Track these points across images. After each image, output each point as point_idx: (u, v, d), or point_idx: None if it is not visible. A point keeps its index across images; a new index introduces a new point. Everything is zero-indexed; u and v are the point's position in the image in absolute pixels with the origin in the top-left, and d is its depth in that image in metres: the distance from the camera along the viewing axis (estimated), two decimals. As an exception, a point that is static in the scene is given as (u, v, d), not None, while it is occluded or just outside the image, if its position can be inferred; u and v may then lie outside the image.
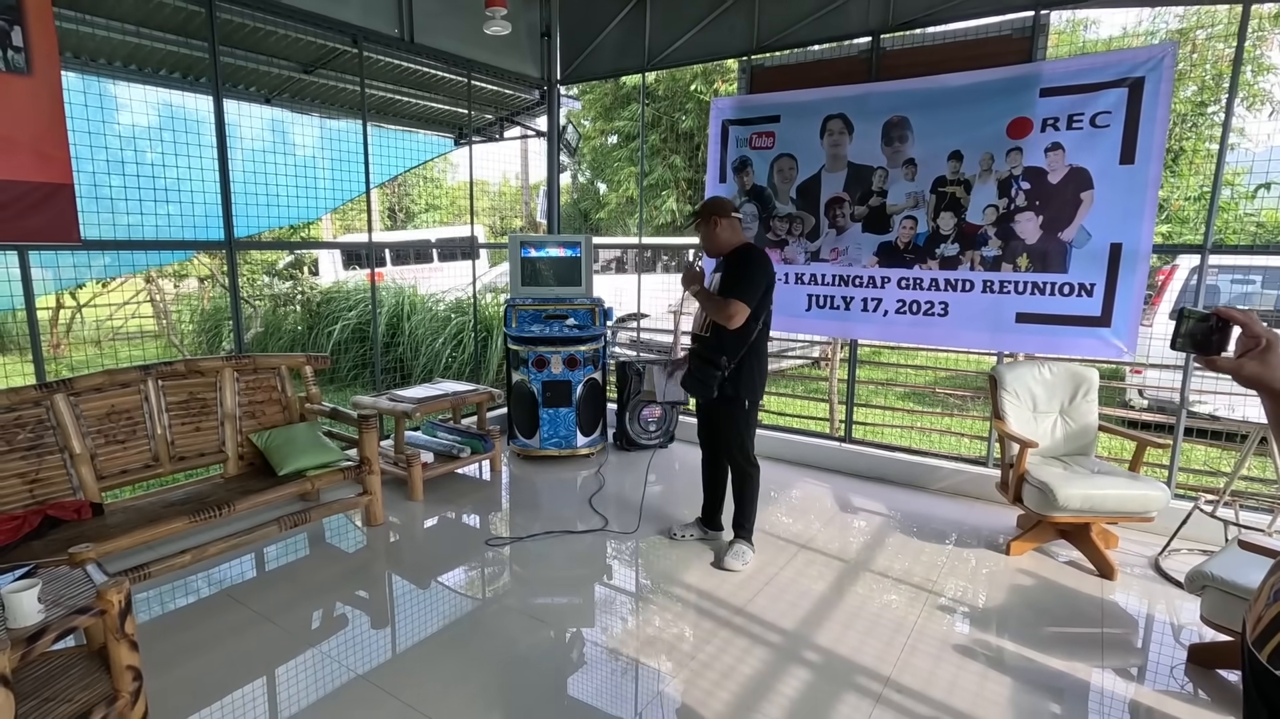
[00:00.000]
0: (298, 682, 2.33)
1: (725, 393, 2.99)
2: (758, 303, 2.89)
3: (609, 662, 2.46)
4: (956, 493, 4.11)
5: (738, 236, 3.04)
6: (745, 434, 3.09)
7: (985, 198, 3.73)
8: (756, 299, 2.87)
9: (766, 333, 3.04)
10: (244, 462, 3.40)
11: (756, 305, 2.88)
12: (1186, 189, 9.52)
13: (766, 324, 3.03)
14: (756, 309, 2.89)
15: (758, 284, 2.87)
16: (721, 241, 3.01)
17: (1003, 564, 3.20)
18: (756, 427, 3.22)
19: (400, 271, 11.59)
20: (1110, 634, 2.65)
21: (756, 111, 4.44)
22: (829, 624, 2.68)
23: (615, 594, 2.99)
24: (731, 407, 3.02)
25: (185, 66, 4.14)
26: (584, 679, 2.37)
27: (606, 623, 2.73)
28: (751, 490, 3.17)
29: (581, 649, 2.55)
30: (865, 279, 4.12)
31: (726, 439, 3.12)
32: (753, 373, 3.01)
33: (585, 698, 2.26)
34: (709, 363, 2.98)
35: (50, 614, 1.86)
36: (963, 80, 3.71)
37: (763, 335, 3.01)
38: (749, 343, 2.95)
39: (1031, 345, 3.75)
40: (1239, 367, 1.00)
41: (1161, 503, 2.96)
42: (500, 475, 4.42)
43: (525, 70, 5.22)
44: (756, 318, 2.92)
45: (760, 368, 3.05)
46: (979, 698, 2.26)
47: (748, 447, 3.11)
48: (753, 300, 2.85)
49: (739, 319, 2.83)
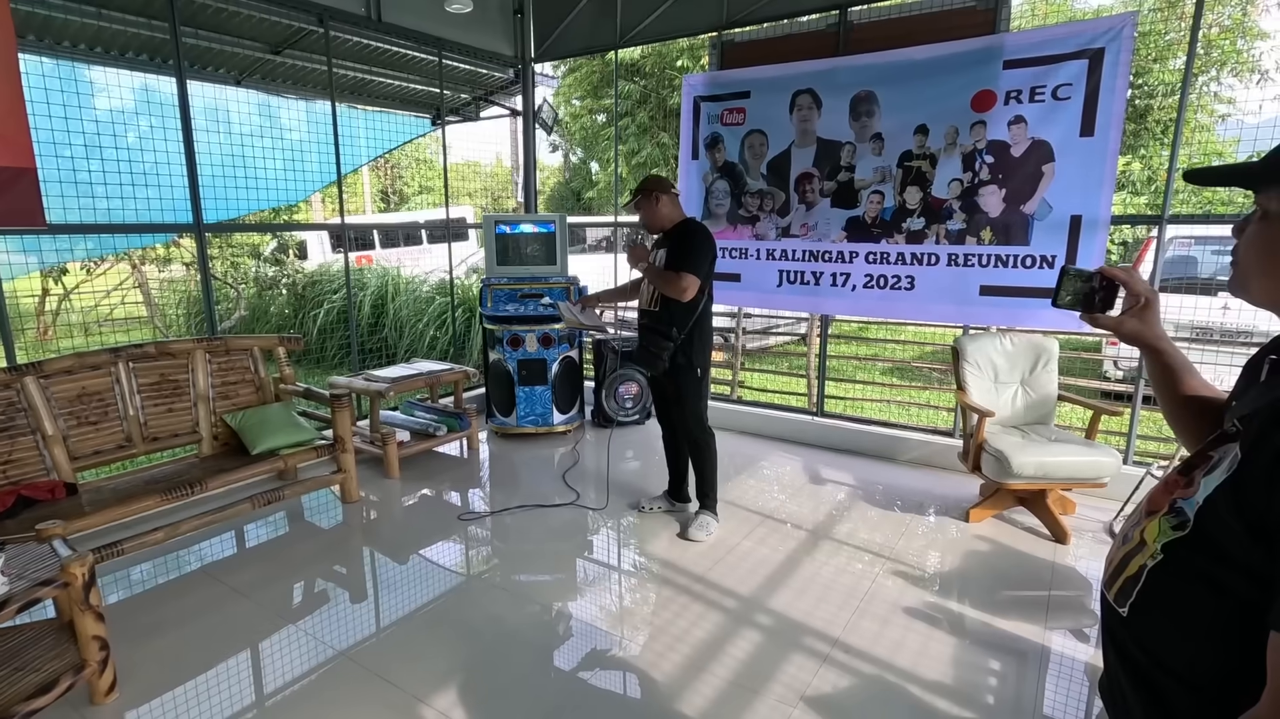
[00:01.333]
0: (272, 654, 2.41)
1: (678, 362, 3.06)
2: (707, 273, 2.97)
3: (573, 631, 2.54)
4: (925, 463, 4.18)
5: (678, 212, 3.13)
6: (700, 402, 3.17)
7: (950, 171, 3.75)
8: (705, 270, 2.95)
9: (710, 303, 3.12)
10: (219, 442, 3.46)
11: (706, 276, 2.97)
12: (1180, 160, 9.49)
13: (710, 295, 3.11)
14: (704, 280, 2.96)
15: (705, 256, 2.96)
16: (663, 217, 3.09)
17: (961, 531, 3.28)
18: (709, 395, 3.34)
19: (390, 254, 11.59)
20: (1057, 596, 2.73)
21: (727, 88, 4.43)
22: (784, 590, 2.76)
23: (583, 566, 3.06)
24: (685, 376, 3.10)
25: (152, 49, 4.13)
26: (549, 647, 2.45)
27: (571, 594, 2.80)
28: (709, 460, 3.23)
29: (548, 620, 2.63)
30: (834, 254, 4.16)
31: (682, 409, 3.18)
32: (703, 341, 3.10)
33: (551, 663, 2.34)
34: (660, 335, 3.05)
35: (14, 586, 1.93)
36: (928, 53, 3.71)
37: (708, 306, 3.10)
38: (696, 314, 3.02)
39: (995, 317, 3.80)
40: (1119, 324, 1.04)
41: (1113, 469, 3.03)
42: (478, 453, 4.49)
43: (498, 48, 5.19)
44: (704, 290, 3.00)
45: (707, 336, 3.14)
46: (921, 656, 2.34)
47: (702, 414, 3.19)
48: (701, 272, 2.92)
49: (691, 291, 2.90)
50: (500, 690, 2.20)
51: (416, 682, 2.21)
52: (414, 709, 2.09)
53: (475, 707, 2.11)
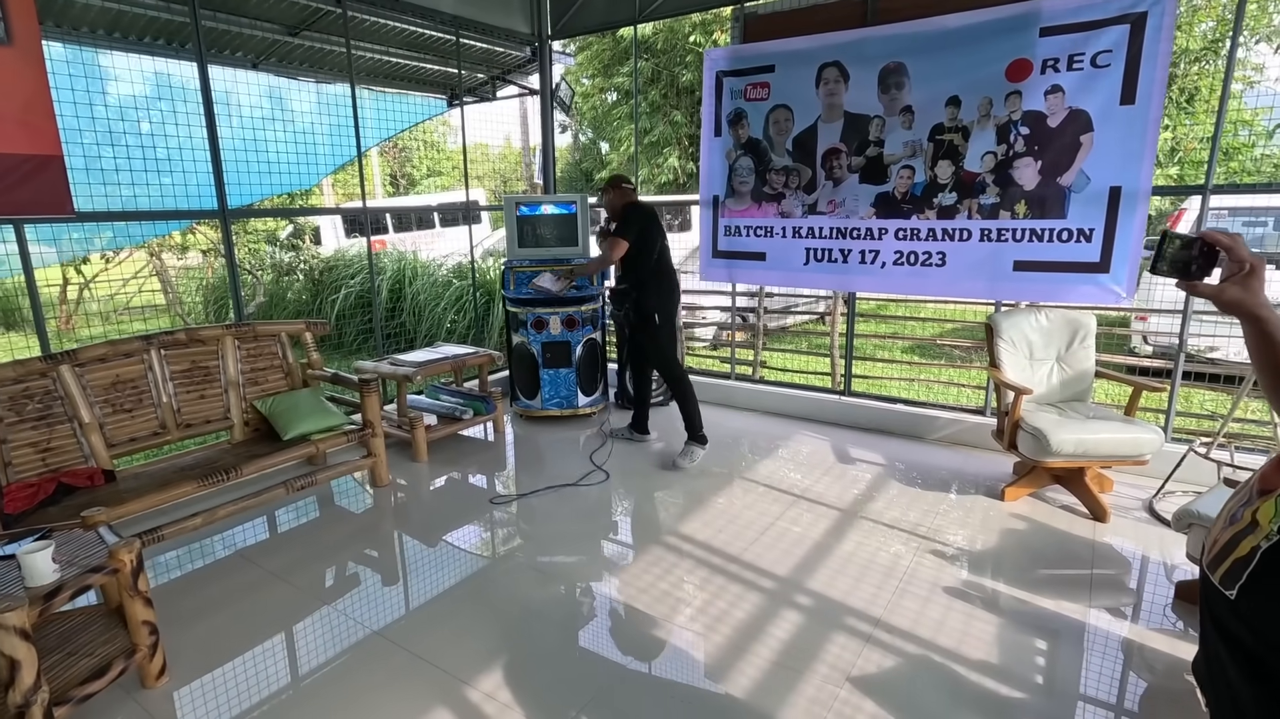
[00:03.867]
0: (311, 636, 2.43)
1: (643, 313, 3.89)
2: (635, 236, 3.78)
3: (612, 612, 2.54)
4: (955, 442, 4.14)
5: (625, 198, 3.99)
6: (664, 347, 3.92)
7: (984, 144, 3.66)
8: (631, 235, 3.78)
9: (663, 261, 3.92)
10: (249, 427, 3.47)
11: (635, 239, 3.78)
12: (1202, 130, 9.24)
13: (661, 254, 3.91)
14: (636, 241, 3.78)
15: (631, 225, 3.81)
16: (616, 205, 3.99)
17: (997, 510, 3.25)
18: (674, 341, 4.05)
19: (403, 238, 11.57)
20: (1100, 574, 2.70)
21: (750, 62, 4.34)
22: (822, 569, 2.74)
23: (618, 547, 3.06)
24: (646, 324, 3.90)
25: (169, 33, 4.09)
26: (587, 627, 2.45)
27: (608, 575, 2.80)
28: (685, 395, 3.87)
29: (586, 601, 2.63)
30: (863, 231, 4.08)
31: (650, 355, 4.02)
32: (658, 294, 3.89)
33: (589, 645, 2.35)
34: (622, 293, 3.97)
35: (65, 573, 1.94)
36: (960, 21, 3.61)
37: (660, 264, 3.89)
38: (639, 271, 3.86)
39: (1029, 293, 3.73)
40: (1220, 291, 0.98)
41: (1154, 446, 2.98)
42: (504, 436, 4.49)
43: (515, 26, 5.11)
44: (643, 250, 3.82)
45: (662, 291, 3.91)
46: (965, 636, 2.32)
47: (668, 357, 3.93)
48: (628, 236, 3.77)
49: (618, 252, 3.79)
50: (543, 670, 2.20)
51: (460, 663, 2.22)
52: (458, 690, 2.10)
53: (519, 688, 2.12)
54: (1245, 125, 8.95)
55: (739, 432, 4.51)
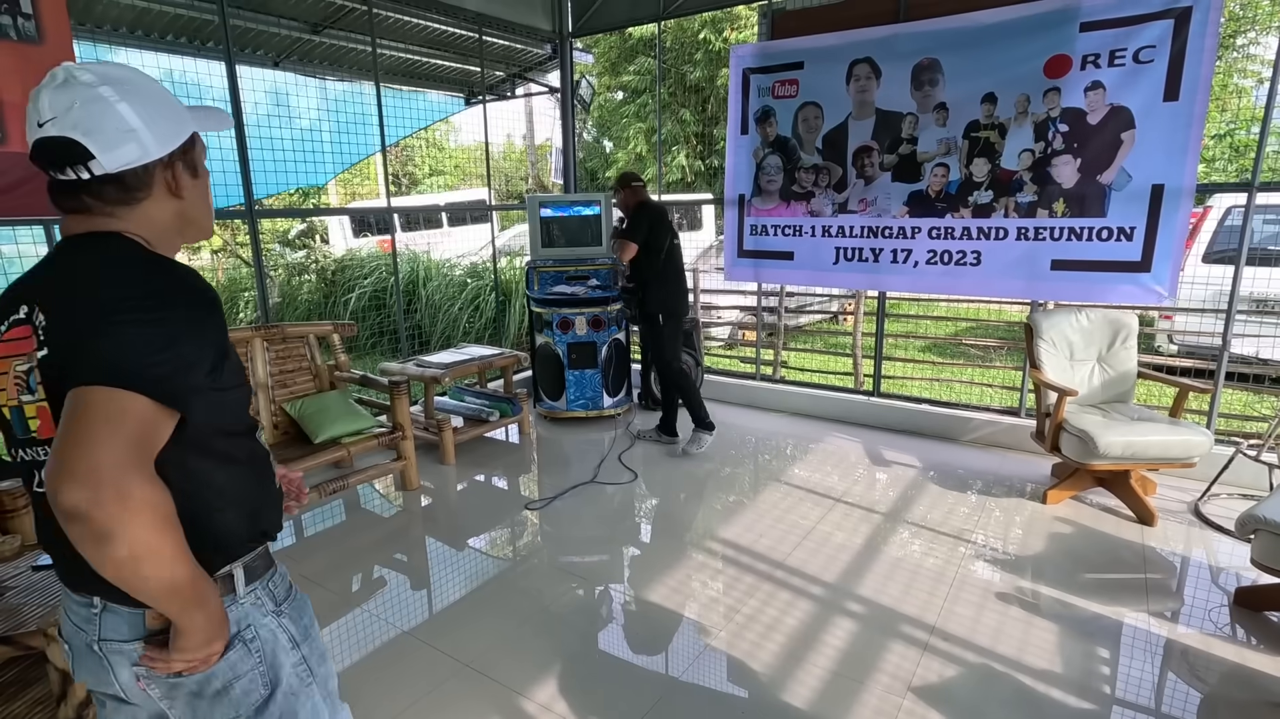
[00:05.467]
0: (344, 637, 2.38)
1: (647, 312, 3.95)
2: (644, 237, 3.81)
3: (660, 619, 2.50)
4: (989, 443, 4.09)
5: (636, 197, 4.00)
6: (666, 345, 3.95)
7: (1021, 142, 3.61)
8: (640, 236, 3.82)
9: (671, 264, 3.96)
10: (279, 430, 3.42)
11: (644, 239, 3.81)
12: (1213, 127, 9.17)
13: (670, 256, 3.95)
14: (647, 242, 3.82)
15: (640, 226, 3.83)
16: (627, 202, 4.00)
17: (1040, 513, 3.20)
18: (677, 340, 4.05)
19: (411, 238, 11.50)
20: (1154, 580, 2.65)
21: (778, 59, 4.29)
22: (870, 575, 2.70)
23: (659, 552, 3.01)
24: (652, 323, 3.97)
25: (192, 31, 4.03)
26: (636, 635, 2.41)
27: (653, 581, 2.74)
28: (687, 390, 3.97)
29: (628, 605, 2.59)
30: (895, 230, 4.03)
31: (653, 351, 4.14)
32: (664, 295, 3.93)
33: (640, 654, 2.30)
34: (629, 292, 4.15)
35: (114, 584, 1.89)
36: (997, 17, 3.56)
37: (668, 265, 3.93)
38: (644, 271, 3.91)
39: (1068, 293, 3.67)
40: None
41: (1204, 448, 2.93)
42: (530, 438, 4.45)
43: (536, 23, 5.06)
44: (651, 250, 3.85)
45: (670, 292, 3.97)
46: (1025, 643, 2.28)
47: (668, 355, 3.96)
48: (636, 238, 3.81)
49: (626, 253, 3.83)
50: (597, 681, 2.15)
51: (513, 674, 2.17)
52: (514, 702, 2.05)
53: (576, 700, 2.07)
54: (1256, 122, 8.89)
55: (768, 433, 4.47)
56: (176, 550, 0.85)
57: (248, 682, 1.00)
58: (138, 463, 0.80)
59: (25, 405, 0.91)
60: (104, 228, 0.92)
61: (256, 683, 1.01)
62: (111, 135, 0.88)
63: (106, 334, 0.82)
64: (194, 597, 0.89)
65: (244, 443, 1.04)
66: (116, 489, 0.77)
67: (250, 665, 1.00)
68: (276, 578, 1.09)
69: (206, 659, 0.95)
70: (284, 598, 1.09)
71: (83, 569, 0.83)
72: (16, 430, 0.93)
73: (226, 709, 0.99)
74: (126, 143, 0.90)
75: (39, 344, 0.87)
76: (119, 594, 0.87)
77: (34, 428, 0.91)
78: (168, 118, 0.94)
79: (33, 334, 0.88)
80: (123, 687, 0.98)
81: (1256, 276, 4.30)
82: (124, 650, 0.96)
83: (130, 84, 0.91)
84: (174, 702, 0.98)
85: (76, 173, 0.89)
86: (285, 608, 1.08)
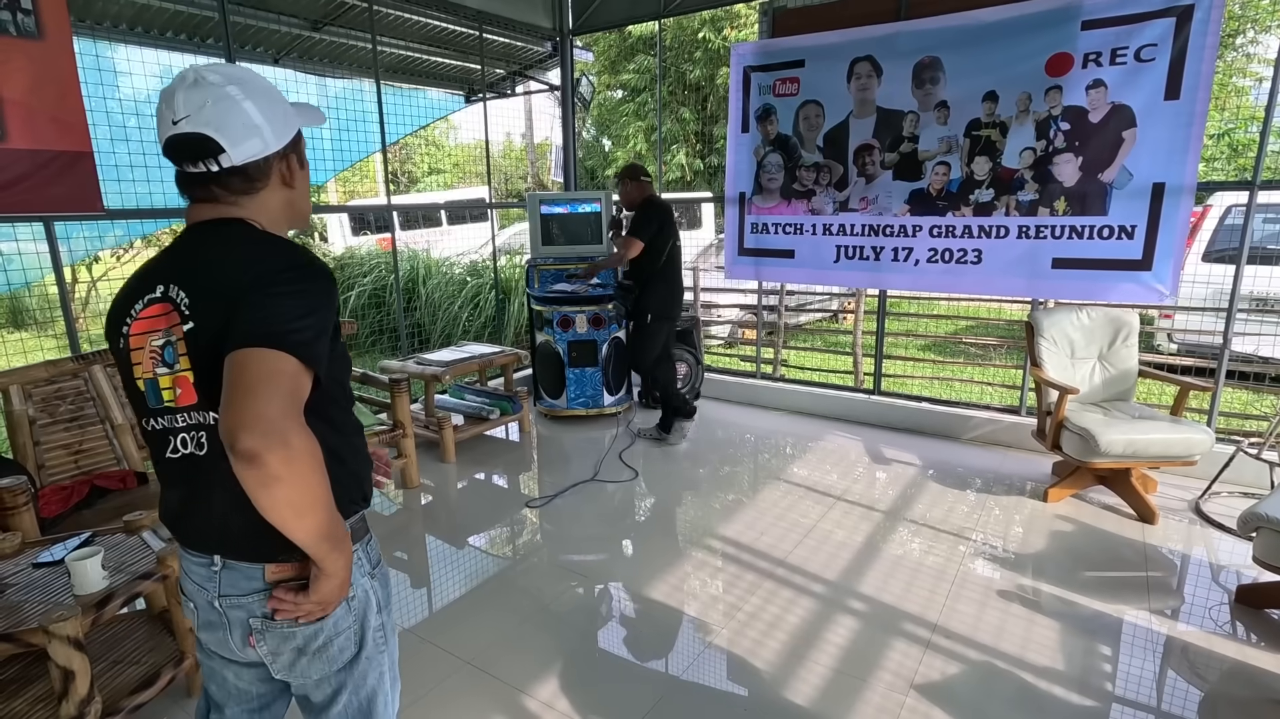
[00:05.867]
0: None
1: (639, 309, 3.95)
2: (651, 236, 3.80)
3: (663, 616, 2.49)
4: (989, 442, 4.09)
5: (643, 192, 3.97)
6: (646, 343, 3.98)
7: (1022, 140, 3.61)
8: (647, 235, 3.80)
9: (671, 265, 3.94)
10: (279, 428, 3.41)
11: (650, 238, 3.80)
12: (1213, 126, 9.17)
13: (671, 256, 3.93)
14: (652, 241, 3.81)
15: (649, 224, 3.81)
16: (632, 196, 3.96)
17: (1041, 511, 3.20)
18: (662, 340, 4.03)
19: (410, 236, 11.49)
20: (1155, 577, 2.65)
21: (779, 57, 4.28)
22: (872, 573, 2.70)
23: (659, 549, 3.01)
24: (640, 321, 3.98)
25: (191, 27, 4.02)
26: (637, 634, 2.40)
27: (655, 579, 2.74)
28: (664, 387, 4.06)
29: (629, 603, 2.58)
30: (896, 228, 4.03)
31: (632, 351, 4.15)
32: (658, 295, 3.92)
33: (641, 652, 2.30)
34: (626, 289, 4.13)
35: (115, 580, 1.89)
36: (998, 15, 3.55)
37: (668, 266, 3.92)
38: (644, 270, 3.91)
39: (1069, 291, 3.67)
40: None
41: (1206, 446, 2.93)
42: (530, 436, 4.44)
43: (536, 21, 5.05)
44: (654, 248, 3.84)
45: (666, 292, 3.94)
46: (1027, 641, 2.28)
47: (645, 353, 4.00)
48: (643, 235, 3.79)
49: (632, 251, 3.81)
50: (598, 679, 2.15)
51: (514, 671, 2.17)
52: (516, 699, 2.05)
53: (577, 698, 2.07)
54: (1254, 121, 8.90)
55: (769, 431, 4.47)
56: (329, 496, 0.94)
57: (344, 639, 1.08)
58: (295, 414, 0.89)
59: (160, 377, 0.98)
60: (228, 214, 1.01)
61: (351, 640, 1.09)
62: (239, 131, 0.97)
63: (261, 305, 0.90)
64: (341, 540, 0.99)
65: (349, 411, 1.13)
66: (282, 437, 0.85)
67: (349, 623, 1.08)
68: (373, 542, 1.17)
69: (328, 606, 1.02)
70: (377, 562, 1.17)
71: (205, 531, 1.00)
72: (150, 400, 1.00)
73: (322, 665, 1.07)
74: (251, 137, 0.98)
75: (183, 319, 0.95)
76: (237, 552, 1.01)
77: (168, 398, 0.99)
78: (282, 114, 1.03)
79: (174, 310, 0.96)
80: (235, 645, 1.07)
81: (1257, 275, 4.31)
82: (241, 604, 1.04)
83: (251, 83, 1.00)
84: (278, 657, 1.06)
85: (207, 165, 0.97)
86: (377, 572, 1.16)
